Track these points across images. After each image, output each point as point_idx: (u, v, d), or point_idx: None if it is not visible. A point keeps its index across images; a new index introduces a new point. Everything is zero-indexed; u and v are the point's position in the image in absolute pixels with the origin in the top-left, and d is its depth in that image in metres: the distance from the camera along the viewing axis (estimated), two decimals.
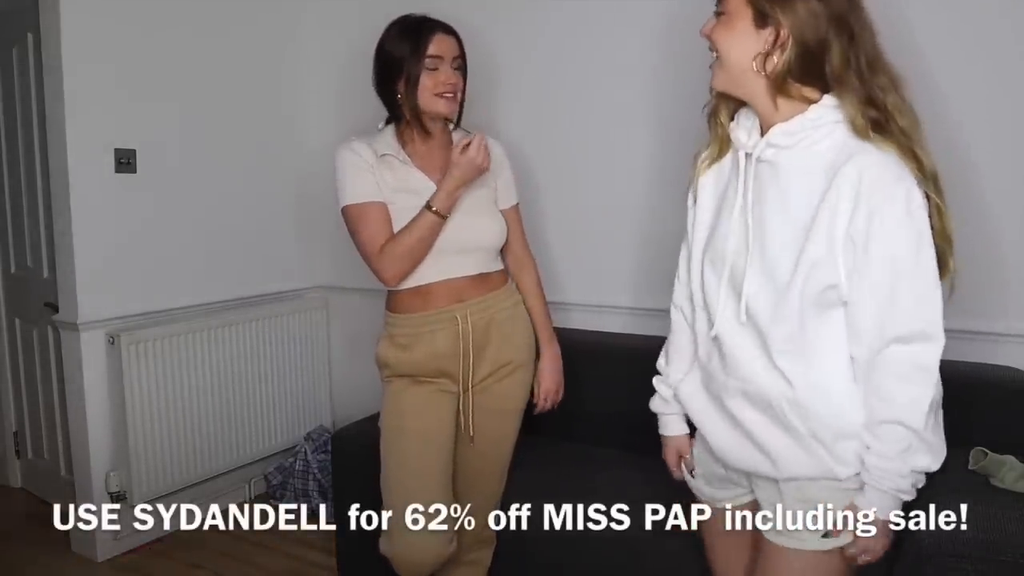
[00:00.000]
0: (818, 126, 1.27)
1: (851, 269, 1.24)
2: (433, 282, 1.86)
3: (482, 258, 1.91)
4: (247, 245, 3.06)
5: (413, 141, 1.89)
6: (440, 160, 1.88)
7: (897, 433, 1.26)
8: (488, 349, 1.90)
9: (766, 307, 1.30)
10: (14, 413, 3.22)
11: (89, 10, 2.53)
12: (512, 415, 1.97)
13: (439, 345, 1.87)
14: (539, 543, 1.83)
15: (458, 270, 1.88)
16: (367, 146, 1.86)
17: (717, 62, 1.34)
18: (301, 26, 3.18)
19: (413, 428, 1.87)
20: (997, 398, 1.96)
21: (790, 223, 1.28)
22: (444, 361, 1.88)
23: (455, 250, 1.86)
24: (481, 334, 1.89)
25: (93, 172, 2.58)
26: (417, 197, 1.82)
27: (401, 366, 1.90)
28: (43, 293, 2.86)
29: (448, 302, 1.87)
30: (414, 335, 1.89)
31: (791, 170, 1.29)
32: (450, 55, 1.84)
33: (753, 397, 1.35)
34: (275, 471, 3.00)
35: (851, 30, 1.26)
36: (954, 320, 2.14)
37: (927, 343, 1.27)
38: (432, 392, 1.90)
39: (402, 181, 1.86)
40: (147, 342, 2.67)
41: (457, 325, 1.86)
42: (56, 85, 2.51)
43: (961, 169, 2.01)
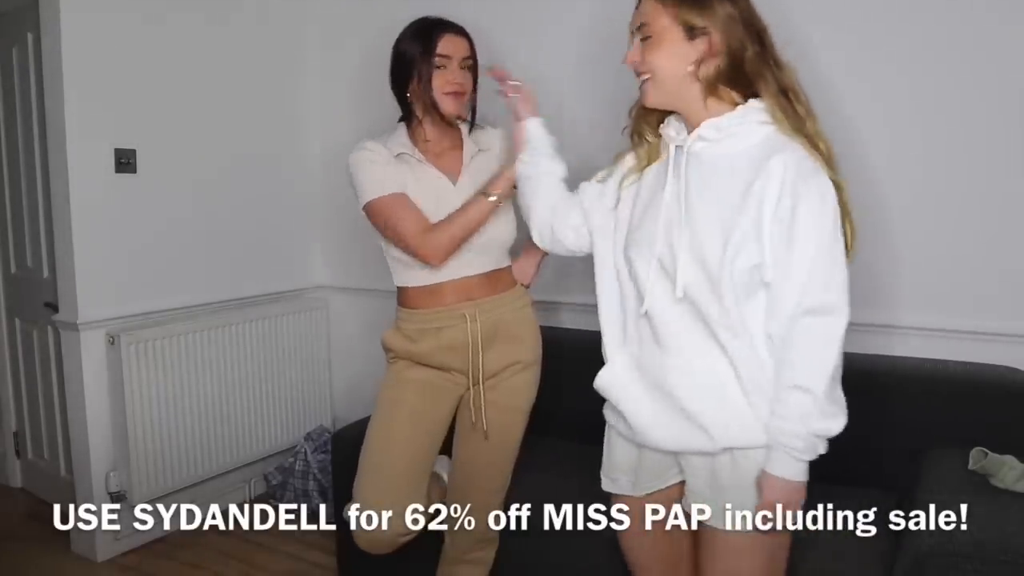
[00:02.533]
0: (743, 123, 1.39)
1: (775, 250, 1.34)
2: (445, 281, 1.89)
3: (494, 256, 1.94)
4: (247, 245, 3.06)
5: (426, 140, 1.92)
6: (452, 159, 1.92)
7: (799, 398, 1.34)
8: (495, 347, 1.92)
9: (700, 284, 1.38)
10: (14, 413, 3.22)
11: (89, 10, 2.53)
12: (520, 412, 1.97)
13: (445, 340, 1.89)
14: (539, 543, 1.83)
15: (469, 269, 1.90)
16: (382, 146, 1.89)
17: (650, 81, 1.43)
18: (304, 27, 3.18)
19: (408, 403, 1.90)
20: (997, 398, 1.96)
21: (719, 209, 1.37)
22: (450, 356, 1.90)
23: (468, 248, 1.87)
24: (489, 332, 1.90)
25: (93, 172, 2.58)
26: (435, 193, 1.86)
27: (407, 354, 1.93)
28: (43, 293, 2.86)
29: (458, 300, 1.90)
30: (422, 330, 1.91)
31: (719, 162, 1.39)
32: (459, 55, 1.87)
33: (690, 371, 1.41)
34: (275, 471, 3.00)
35: (758, 29, 1.40)
36: (955, 320, 2.17)
37: (836, 315, 1.36)
38: (437, 377, 1.92)
39: (419, 178, 1.88)
40: (147, 342, 2.67)
41: (466, 323, 1.89)
42: (56, 85, 2.51)
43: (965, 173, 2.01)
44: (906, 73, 2.15)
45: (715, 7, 1.38)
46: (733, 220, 1.35)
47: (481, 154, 1.95)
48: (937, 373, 2.05)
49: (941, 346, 2.13)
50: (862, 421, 2.03)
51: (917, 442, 1.96)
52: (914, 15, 2.13)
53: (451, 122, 1.91)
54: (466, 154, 1.94)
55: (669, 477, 1.54)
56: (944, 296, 2.16)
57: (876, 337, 2.19)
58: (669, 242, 1.41)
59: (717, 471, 1.42)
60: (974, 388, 1.99)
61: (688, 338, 1.41)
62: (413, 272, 1.90)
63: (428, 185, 1.88)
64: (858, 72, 2.18)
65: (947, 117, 2.12)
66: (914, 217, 2.17)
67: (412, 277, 1.91)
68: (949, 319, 2.15)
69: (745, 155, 1.38)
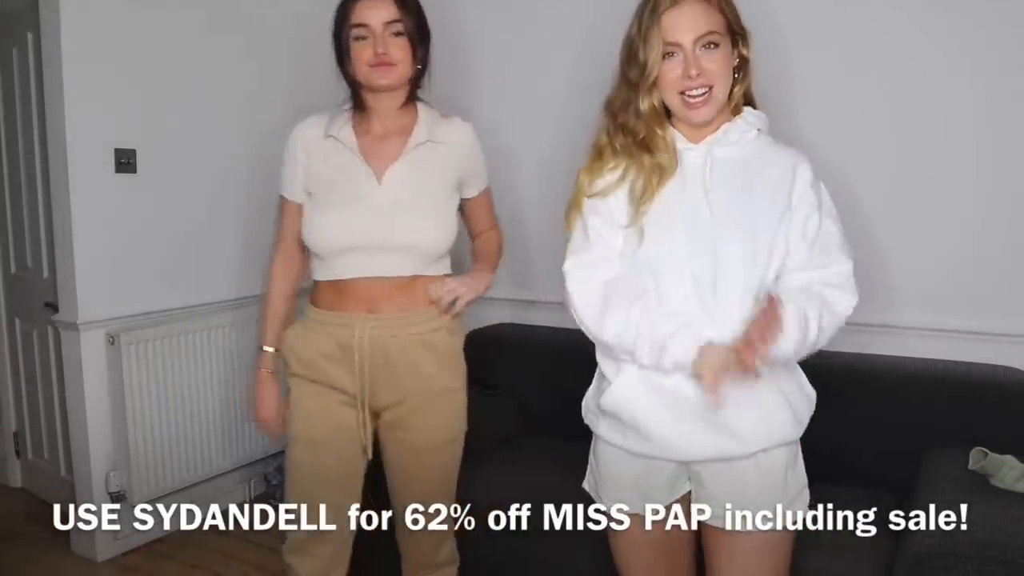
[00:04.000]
0: (748, 129, 1.43)
1: (797, 243, 1.39)
2: (350, 278, 1.71)
3: (417, 260, 1.72)
4: (247, 245, 3.05)
5: (365, 120, 1.75)
6: (392, 146, 1.73)
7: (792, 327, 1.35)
8: (392, 374, 1.72)
9: (738, 287, 1.36)
10: (14, 413, 3.22)
11: (89, 10, 2.53)
12: (436, 450, 1.79)
13: (326, 347, 1.72)
14: (539, 543, 1.82)
15: (380, 268, 1.70)
16: (322, 126, 1.75)
17: (711, 93, 1.37)
18: (304, 27, 3.17)
19: (303, 435, 1.76)
20: (997, 398, 1.96)
21: (757, 211, 1.39)
22: (332, 369, 1.73)
23: (382, 247, 1.69)
24: (382, 354, 1.71)
25: (93, 172, 2.58)
26: (355, 192, 1.70)
27: (298, 363, 1.77)
28: (43, 293, 2.86)
29: (358, 308, 1.71)
30: (316, 329, 1.75)
31: (743, 167, 1.41)
32: (380, 21, 1.66)
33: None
34: (275, 471, 3.00)
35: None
36: (956, 320, 2.17)
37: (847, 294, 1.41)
38: (329, 402, 1.75)
39: (339, 166, 1.73)
40: (147, 342, 2.67)
41: (354, 336, 1.70)
42: (56, 85, 2.51)
43: None
44: (921, 67, 2.15)
45: (735, 8, 1.40)
46: (771, 221, 1.38)
47: (429, 146, 1.73)
48: (937, 373, 2.05)
49: (941, 346, 2.13)
50: (862, 421, 2.05)
51: (917, 442, 1.96)
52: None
53: (369, 103, 1.72)
54: (411, 141, 1.72)
55: (678, 489, 1.48)
56: (944, 296, 2.16)
57: (876, 337, 2.19)
58: (708, 250, 1.37)
59: (739, 476, 1.39)
60: (974, 388, 1.99)
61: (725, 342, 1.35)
62: (314, 262, 1.78)
63: (349, 181, 1.71)
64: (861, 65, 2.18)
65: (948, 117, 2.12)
66: (913, 216, 2.17)
67: (315, 267, 1.78)
68: (949, 319, 2.15)
69: (764, 159, 1.42)
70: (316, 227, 1.73)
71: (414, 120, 1.75)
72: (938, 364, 2.08)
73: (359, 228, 1.69)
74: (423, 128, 1.74)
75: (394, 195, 1.70)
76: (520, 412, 2.50)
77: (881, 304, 2.18)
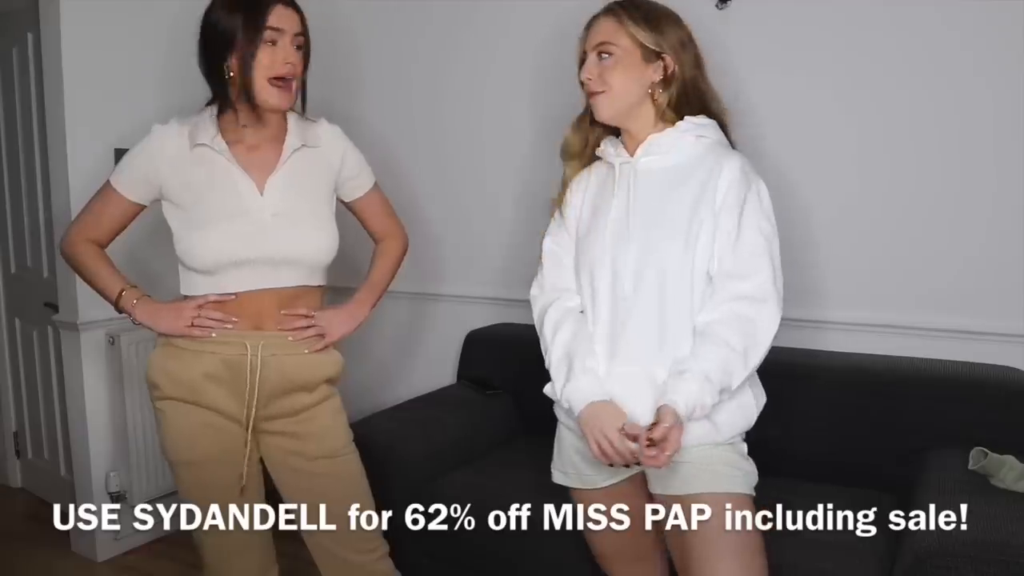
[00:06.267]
0: (683, 138, 1.50)
1: (721, 243, 1.45)
2: (234, 294, 1.64)
3: (304, 272, 1.69)
4: None
5: (237, 128, 1.64)
6: (267, 154, 1.66)
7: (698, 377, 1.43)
8: (281, 393, 1.68)
9: (656, 286, 1.46)
10: (14, 413, 3.22)
11: (89, 10, 2.53)
12: (337, 456, 1.76)
13: (211, 367, 1.63)
14: (539, 543, 1.83)
15: (266, 281, 1.64)
16: (186, 134, 1.64)
17: (604, 96, 1.50)
18: None
19: (186, 456, 1.69)
20: (997, 398, 1.96)
21: (677, 213, 1.47)
22: (216, 390, 1.64)
23: (269, 260, 1.63)
24: (276, 371, 1.66)
25: (93, 172, 2.57)
26: (235, 202, 1.62)
27: (173, 385, 1.65)
28: (43, 293, 2.86)
29: (245, 326, 1.64)
30: (197, 350, 1.64)
31: (668, 174, 1.50)
32: (291, 30, 1.60)
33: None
34: None
35: (697, 53, 1.53)
36: (955, 320, 2.16)
37: (768, 305, 1.46)
38: (211, 418, 1.66)
39: (215, 177, 1.63)
40: (147, 342, 2.66)
41: (246, 354, 1.63)
42: (56, 85, 2.52)
43: None
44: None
45: (668, 31, 1.49)
46: (692, 220, 1.45)
47: (305, 151, 1.68)
48: (937, 373, 2.05)
49: (941, 346, 2.13)
50: (862, 421, 2.05)
51: (917, 442, 1.96)
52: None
53: (261, 116, 1.63)
54: (286, 149, 1.66)
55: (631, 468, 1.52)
56: (944, 296, 2.15)
57: (876, 337, 2.19)
58: (629, 249, 1.48)
59: (713, 457, 1.44)
60: (974, 388, 1.99)
61: (642, 343, 1.47)
62: (191, 278, 1.67)
63: (227, 192, 1.62)
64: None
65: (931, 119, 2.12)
66: (911, 215, 2.17)
67: (191, 283, 1.67)
68: (949, 319, 2.15)
69: (695, 162, 1.49)
70: (199, 242, 1.63)
71: (283, 127, 1.69)
72: (938, 364, 2.08)
73: (245, 242, 1.62)
74: (294, 134, 1.68)
75: (275, 206, 1.64)
76: (519, 412, 2.51)
77: (881, 304, 2.18)
